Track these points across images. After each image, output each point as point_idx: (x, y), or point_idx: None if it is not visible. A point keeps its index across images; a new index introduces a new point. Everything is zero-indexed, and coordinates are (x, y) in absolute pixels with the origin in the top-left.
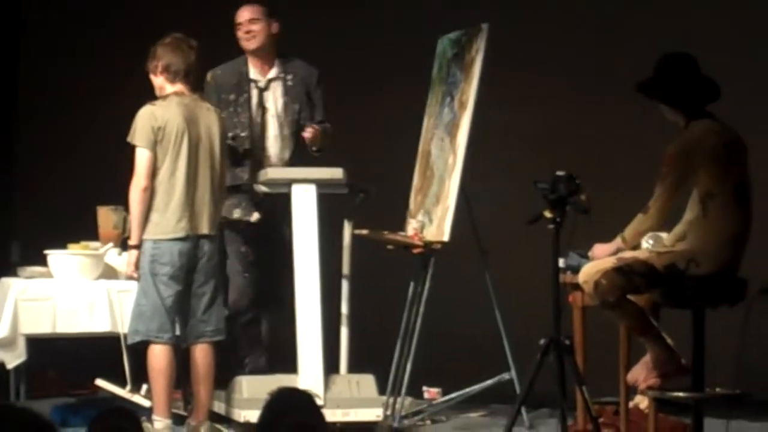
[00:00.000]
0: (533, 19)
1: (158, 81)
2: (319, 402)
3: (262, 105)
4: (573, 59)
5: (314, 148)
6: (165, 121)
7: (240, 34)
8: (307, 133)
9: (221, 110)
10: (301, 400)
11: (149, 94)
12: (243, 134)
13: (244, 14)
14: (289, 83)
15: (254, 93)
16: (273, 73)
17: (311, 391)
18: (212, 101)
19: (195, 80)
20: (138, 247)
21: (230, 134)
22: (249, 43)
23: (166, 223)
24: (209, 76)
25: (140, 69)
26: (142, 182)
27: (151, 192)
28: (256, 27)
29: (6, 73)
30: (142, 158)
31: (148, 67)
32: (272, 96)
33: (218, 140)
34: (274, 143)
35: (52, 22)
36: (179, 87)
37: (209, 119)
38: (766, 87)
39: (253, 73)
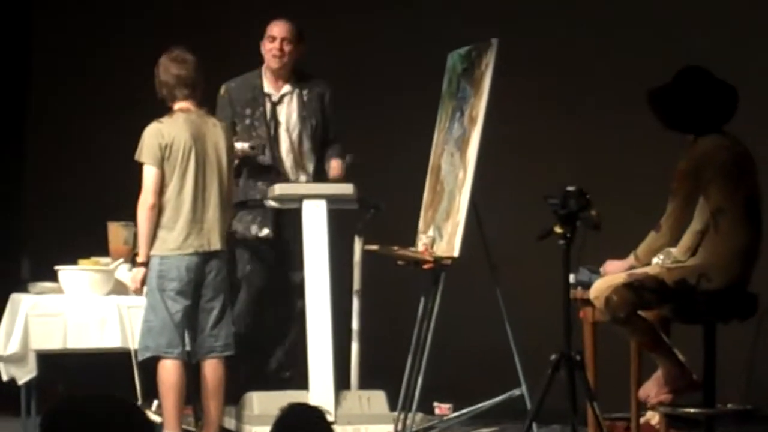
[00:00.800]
0: (543, 34)
1: (167, 100)
2: (330, 418)
3: (275, 119)
4: (583, 74)
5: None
6: (172, 138)
7: (269, 46)
8: (334, 171)
9: (236, 124)
10: (312, 416)
11: (162, 109)
12: (262, 144)
13: (280, 31)
14: (305, 98)
15: (267, 107)
16: (287, 88)
17: (322, 407)
18: (226, 114)
19: (199, 92)
20: (145, 264)
21: (249, 144)
22: (275, 61)
23: (174, 239)
24: (223, 89)
25: (153, 83)
26: (150, 199)
27: (159, 209)
28: (288, 48)
29: (16, 88)
30: (149, 175)
31: (156, 85)
32: (285, 110)
33: (225, 155)
34: (287, 157)
35: (63, 36)
36: (183, 103)
37: (216, 135)
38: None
39: (267, 86)
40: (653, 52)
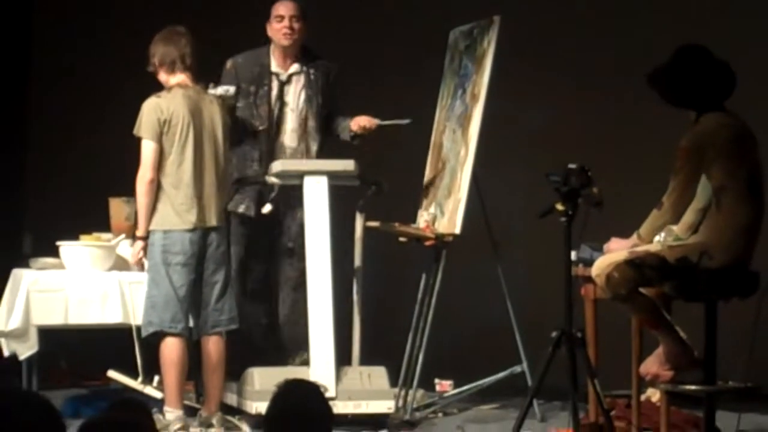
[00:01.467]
0: (545, 10)
1: (162, 77)
2: (331, 394)
3: (281, 98)
4: (586, 50)
5: (356, 141)
6: (170, 113)
7: (278, 26)
8: (361, 122)
9: (238, 99)
10: (309, 391)
11: (161, 86)
12: (261, 128)
13: (288, 9)
14: (312, 77)
15: (275, 86)
16: (295, 67)
17: (318, 382)
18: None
19: (195, 67)
20: (145, 238)
21: (223, 88)
22: (286, 38)
23: (176, 213)
24: (229, 63)
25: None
26: (149, 174)
27: (157, 184)
28: (297, 25)
29: (18, 66)
30: (148, 150)
31: (150, 68)
32: (293, 90)
33: (221, 131)
34: (291, 137)
35: (63, 16)
36: (181, 77)
37: (212, 110)
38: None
39: (275, 65)
40: (658, 31)
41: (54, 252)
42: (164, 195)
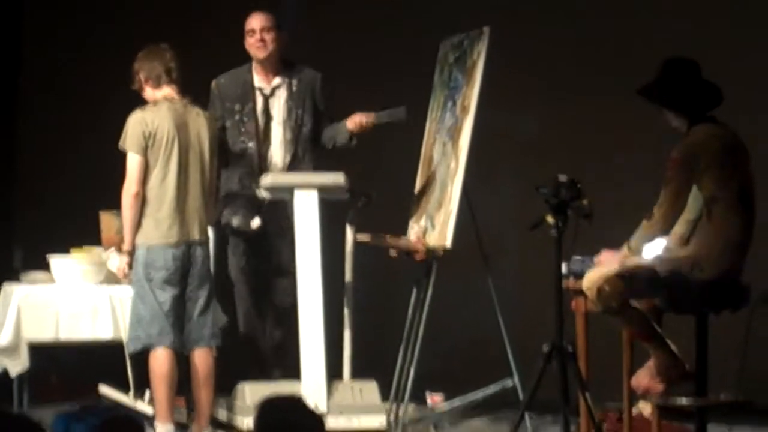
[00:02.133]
0: (535, 21)
1: (148, 94)
2: (322, 408)
3: (267, 112)
4: (575, 63)
5: (354, 142)
6: (155, 127)
7: (251, 40)
8: (357, 118)
9: (226, 119)
10: (290, 404)
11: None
12: (249, 145)
13: (258, 22)
14: (294, 88)
15: (259, 100)
16: (277, 80)
17: (298, 395)
18: (215, 109)
19: (180, 80)
20: (131, 252)
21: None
22: (260, 52)
23: (158, 228)
24: (213, 84)
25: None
26: (133, 188)
27: (142, 198)
28: (268, 36)
29: (8, 77)
30: (133, 164)
31: (135, 87)
32: (277, 103)
33: (208, 145)
34: (278, 150)
35: (54, 30)
36: (167, 91)
37: (199, 123)
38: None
39: (258, 80)
40: (647, 43)
41: (44, 266)
42: (148, 209)
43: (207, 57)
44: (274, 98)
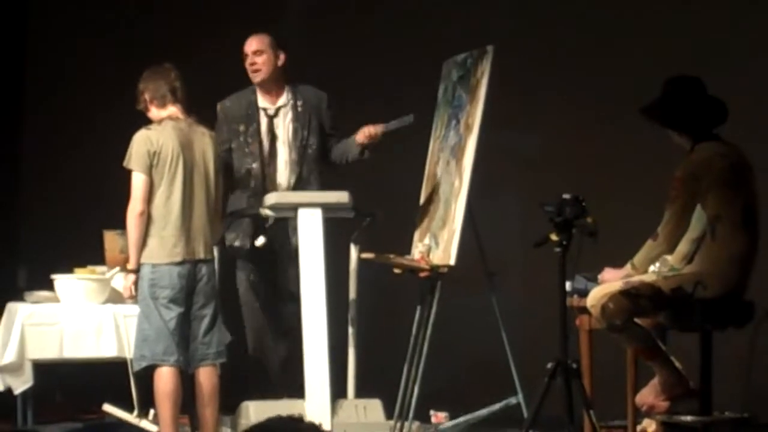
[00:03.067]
0: (538, 39)
1: (153, 114)
2: (327, 427)
3: (272, 132)
4: (580, 80)
5: (365, 155)
6: (160, 146)
7: (247, 64)
8: (369, 131)
9: (231, 141)
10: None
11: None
12: (254, 165)
13: (250, 45)
14: (299, 109)
15: (264, 121)
16: (282, 100)
17: (297, 415)
18: (221, 132)
19: (185, 100)
20: (136, 271)
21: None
22: (254, 76)
23: (163, 247)
24: (219, 107)
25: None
26: (139, 207)
27: (147, 216)
28: (260, 59)
29: (11, 96)
30: (138, 183)
31: (140, 107)
32: (282, 123)
33: (213, 164)
34: (284, 170)
35: (58, 45)
36: (172, 110)
37: (204, 143)
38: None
39: (262, 101)
40: (650, 60)
41: (49, 285)
42: (153, 227)
43: (212, 74)
44: (279, 118)
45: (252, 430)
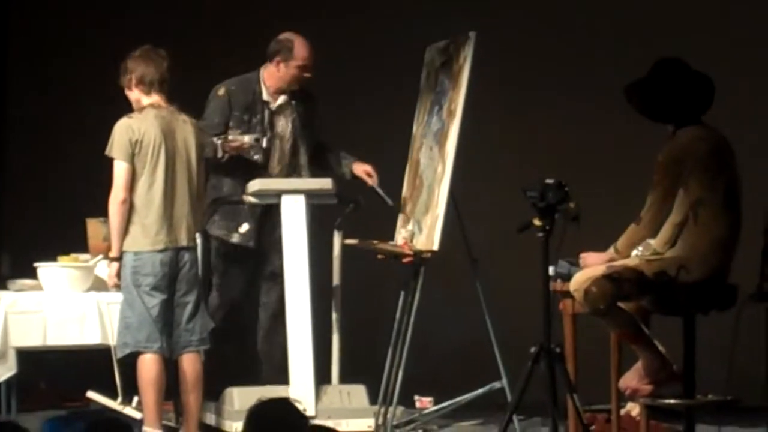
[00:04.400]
0: (522, 25)
1: (134, 95)
2: (310, 413)
3: (272, 128)
4: (562, 66)
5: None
6: (142, 134)
7: (296, 73)
8: (369, 175)
9: (231, 126)
10: (285, 407)
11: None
12: (255, 157)
13: (313, 58)
14: (297, 109)
15: (266, 115)
16: (282, 98)
17: (292, 399)
18: (224, 115)
19: (169, 90)
20: (118, 259)
21: (255, 136)
22: (299, 83)
23: (146, 235)
24: (222, 90)
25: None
26: (121, 195)
27: (129, 204)
28: (312, 71)
29: None
30: (120, 171)
31: (122, 82)
32: (281, 122)
33: (195, 152)
34: (276, 166)
35: (39, 35)
36: (155, 98)
37: (186, 131)
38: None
39: (266, 95)
40: (633, 45)
41: (32, 273)
42: (136, 215)
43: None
44: (278, 116)
45: (251, 416)
